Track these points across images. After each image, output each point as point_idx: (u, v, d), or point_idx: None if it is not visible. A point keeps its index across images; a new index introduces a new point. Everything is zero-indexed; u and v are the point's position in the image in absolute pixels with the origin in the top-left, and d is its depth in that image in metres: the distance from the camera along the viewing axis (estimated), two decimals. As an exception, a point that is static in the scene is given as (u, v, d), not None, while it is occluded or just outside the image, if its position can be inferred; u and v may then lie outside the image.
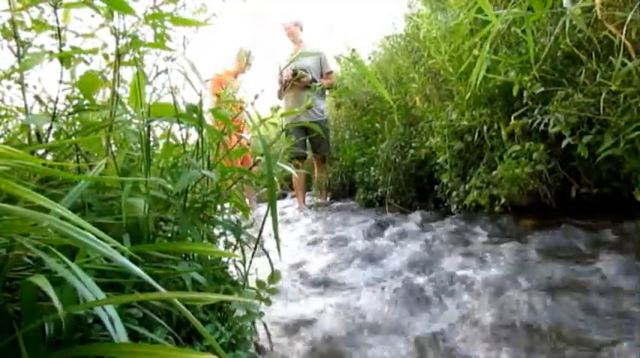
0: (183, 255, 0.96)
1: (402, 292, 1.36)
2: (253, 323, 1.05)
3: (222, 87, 3.72)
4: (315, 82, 3.79)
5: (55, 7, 0.93)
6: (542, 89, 1.80)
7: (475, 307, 1.22)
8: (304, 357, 1.08)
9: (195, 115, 1.00)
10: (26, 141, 1.00)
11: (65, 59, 0.96)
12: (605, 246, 1.55)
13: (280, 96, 4.20)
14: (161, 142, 1.23)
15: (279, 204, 5.10)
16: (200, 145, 1.07)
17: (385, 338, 1.14)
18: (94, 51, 1.05)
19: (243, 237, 1.12)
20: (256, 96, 1.21)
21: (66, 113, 1.01)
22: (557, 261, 1.47)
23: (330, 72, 4.11)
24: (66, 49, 0.98)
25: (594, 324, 1.03)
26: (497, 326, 1.09)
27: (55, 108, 0.96)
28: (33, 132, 0.98)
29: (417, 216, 2.66)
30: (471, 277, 1.43)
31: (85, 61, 1.06)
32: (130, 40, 0.95)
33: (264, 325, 1.11)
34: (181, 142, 1.14)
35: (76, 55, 1.02)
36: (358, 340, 1.14)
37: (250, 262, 1.12)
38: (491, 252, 1.70)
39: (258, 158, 1.21)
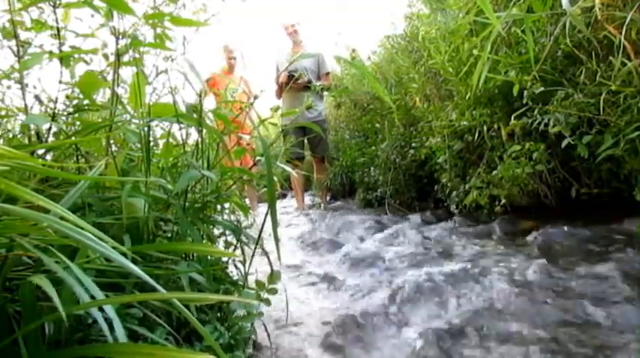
0: (183, 255, 0.96)
1: (403, 291, 1.36)
2: (253, 323, 1.05)
3: (218, 87, 3.73)
4: (313, 82, 3.79)
5: (55, 7, 0.94)
6: (542, 89, 1.80)
7: (476, 307, 1.22)
8: (303, 356, 1.08)
9: (195, 115, 1.00)
10: (26, 141, 1.00)
11: (65, 59, 0.96)
12: (606, 246, 1.55)
13: (278, 97, 4.21)
14: (161, 142, 1.23)
15: (279, 204, 5.10)
16: (200, 145, 1.07)
17: (386, 336, 1.14)
18: (94, 51, 1.05)
19: (243, 237, 1.12)
20: (256, 97, 1.21)
21: (66, 113, 1.01)
22: (557, 261, 1.47)
23: (328, 73, 4.11)
24: (66, 49, 0.98)
25: (592, 324, 1.03)
26: (499, 325, 1.09)
27: (55, 108, 0.96)
28: (33, 132, 0.98)
29: (416, 216, 2.66)
30: (472, 277, 1.43)
31: (85, 61, 1.06)
32: (129, 40, 0.95)
33: (264, 325, 1.11)
34: (181, 142, 1.14)
35: (76, 55, 1.02)
36: (359, 339, 1.14)
37: (250, 262, 1.12)
38: (492, 252, 1.70)
39: (257, 158, 1.21)
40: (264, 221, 1.09)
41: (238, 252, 1.12)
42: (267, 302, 1.04)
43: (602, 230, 1.72)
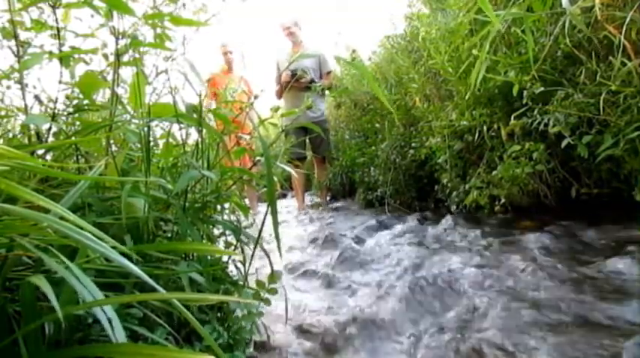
0: (183, 255, 0.96)
1: (403, 291, 1.36)
2: (253, 322, 1.05)
3: (218, 87, 3.73)
4: (315, 82, 3.79)
5: (55, 7, 0.94)
6: (542, 89, 1.80)
7: (478, 307, 1.22)
8: (304, 357, 1.08)
9: (195, 115, 1.00)
10: (26, 141, 1.01)
11: (65, 59, 0.96)
12: (605, 246, 1.55)
13: (279, 97, 4.20)
14: (161, 142, 1.23)
15: (279, 204, 5.10)
16: (200, 145, 1.07)
17: (386, 336, 1.14)
18: (94, 51, 1.05)
19: (243, 236, 1.12)
20: (256, 97, 1.21)
21: (66, 113, 1.01)
22: (557, 261, 1.47)
23: (329, 72, 4.11)
24: (66, 49, 0.98)
25: (594, 325, 1.03)
26: (500, 325, 1.09)
27: (55, 108, 0.96)
28: (33, 132, 0.98)
29: (417, 216, 2.66)
30: (472, 277, 1.43)
31: (85, 61, 1.06)
32: (129, 40, 0.95)
33: (264, 324, 1.11)
34: (181, 142, 1.14)
35: (76, 55, 1.02)
36: (359, 339, 1.14)
37: (250, 262, 1.12)
38: (492, 252, 1.70)
39: (257, 158, 1.21)
40: (264, 221, 1.09)
41: (238, 251, 1.12)
42: (267, 301, 1.04)
43: (601, 230, 1.72)
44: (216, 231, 1.20)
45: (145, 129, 0.91)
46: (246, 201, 3.67)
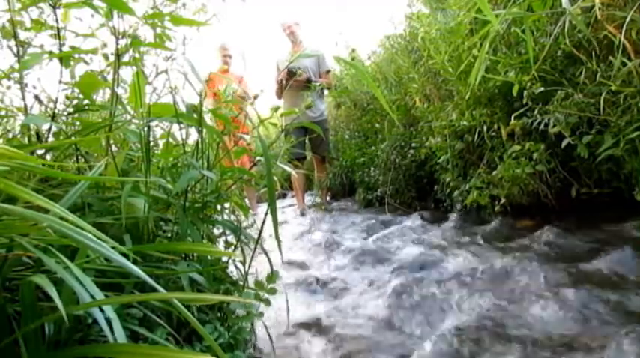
0: (183, 255, 0.96)
1: (403, 292, 1.36)
2: (252, 323, 1.05)
3: (215, 87, 3.73)
4: (312, 81, 3.78)
5: (55, 7, 0.94)
6: (542, 89, 1.80)
7: (477, 307, 1.22)
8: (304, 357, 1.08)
9: (195, 115, 1.00)
10: (26, 141, 1.01)
11: (65, 59, 0.96)
12: (606, 246, 1.55)
13: (278, 96, 4.20)
14: (161, 142, 1.23)
15: (279, 204, 5.10)
16: (200, 145, 1.07)
17: (386, 338, 1.14)
18: (94, 51, 1.05)
19: (243, 237, 1.12)
20: (256, 97, 1.21)
21: (66, 113, 1.01)
22: (557, 261, 1.47)
23: (328, 71, 4.10)
24: (66, 49, 0.98)
25: (593, 324, 1.03)
26: (500, 326, 1.09)
27: (55, 108, 0.96)
28: (33, 132, 0.98)
29: (416, 216, 2.66)
30: (472, 277, 1.43)
31: (85, 61, 1.06)
32: (129, 40, 0.95)
33: (264, 325, 1.11)
34: (181, 142, 1.14)
35: (76, 55, 1.02)
36: (358, 340, 1.14)
37: (250, 262, 1.12)
38: (492, 253, 1.70)
39: (257, 158, 1.21)
40: (264, 221, 1.09)
41: (238, 251, 1.12)
42: (267, 302, 1.03)
43: (602, 230, 1.72)
44: (216, 231, 1.20)
45: (145, 129, 0.91)
46: (246, 201, 3.67)
